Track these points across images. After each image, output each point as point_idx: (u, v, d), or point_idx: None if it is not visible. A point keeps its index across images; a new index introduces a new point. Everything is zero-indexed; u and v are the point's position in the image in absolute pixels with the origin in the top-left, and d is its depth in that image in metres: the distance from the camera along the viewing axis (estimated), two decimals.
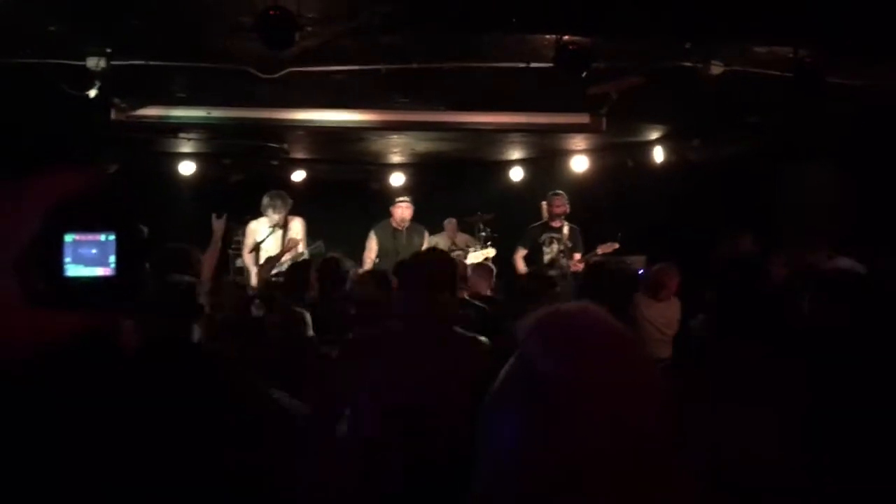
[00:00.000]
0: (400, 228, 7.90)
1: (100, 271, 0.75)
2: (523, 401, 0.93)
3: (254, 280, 7.10)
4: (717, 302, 2.78)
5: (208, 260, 4.95)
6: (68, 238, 0.74)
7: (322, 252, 7.45)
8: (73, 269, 0.74)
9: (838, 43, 5.11)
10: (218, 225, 5.70)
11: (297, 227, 7.39)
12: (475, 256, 7.80)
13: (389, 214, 8.00)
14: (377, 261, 7.65)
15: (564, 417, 0.90)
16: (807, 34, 5.05)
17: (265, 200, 7.29)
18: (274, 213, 7.19)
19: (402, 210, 7.85)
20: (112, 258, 0.76)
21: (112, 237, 0.76)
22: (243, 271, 7.48)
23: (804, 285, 2.86)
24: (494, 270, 6.49)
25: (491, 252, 7.87)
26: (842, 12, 4.57)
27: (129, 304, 0.78)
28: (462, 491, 0.97)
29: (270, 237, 7.17)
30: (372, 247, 7.87)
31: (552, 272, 7.53)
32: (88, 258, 0.75)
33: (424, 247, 8.02)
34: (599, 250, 7.55)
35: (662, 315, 5.22)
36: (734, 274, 2.95)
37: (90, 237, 0.75)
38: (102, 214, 0.77)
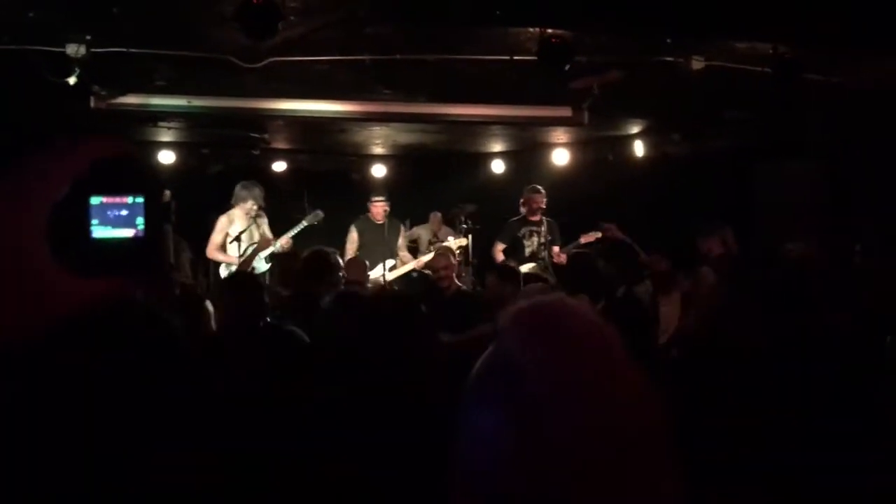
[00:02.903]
0: (378, 222, 8.01)
1: (128, 232, 0.77)
2: (500, 393, 0.94)
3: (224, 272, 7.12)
4: None
5: None
6: (95, 201, 0.76)
7: (321, 220, 7.54)
8: (99, 231, 0.76)
9: (818, 39, 5.18)
10: None
11: (264, 219, 7.40)
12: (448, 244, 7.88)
13: (368, 209, 8.11)
14: (357, 254, 7.71)
15: (540, 412, 0.90)
16: (786, 30, 5.11)
17: (242, 191, 7.27)
18: (254, 202, 7.19)
19: (378, 209, 8.00)
20: (140, 219, 0.78)
21: (140, 199, 0.78)
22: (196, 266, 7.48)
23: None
24: (454, 256, 6.60)
25: (463, 241, 7.93)
26: (821, 9, 4.63)
27: (156, 263, 0.80)
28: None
29: (248, 230, 7.16)
30: (353, 239, 7.97)
31: (533, 265, 7.61)
32: (117, 220, 0.76)
33: (402, 240, 8.08)
34: (582, 240, 7.61)
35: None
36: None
37: (118, 199, 0.77)
38: (130, 178, 0.79)
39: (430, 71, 5.89)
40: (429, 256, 7.43)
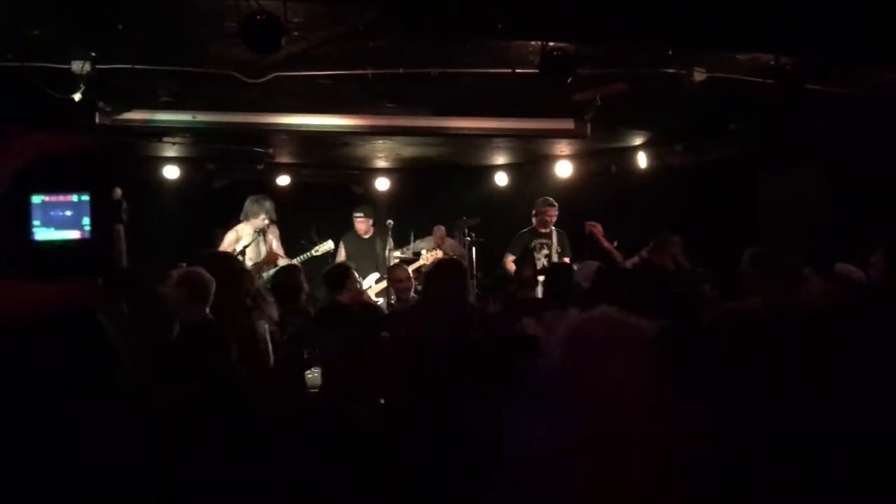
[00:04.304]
0: (364, 237, 8.26)
1: (73, 234, 0.69)
2: (547, 401, 0.96)
3: None
4: None
5: None
6: (36, 199, 0.68)
7: (331, 250, 7.80)
8: (42, 233, 0.68)
9: (820, 50, 5.19)
10: None
11: (276, 232, 7.43)
12: (424, 259, 8.06)
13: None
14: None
15: (589, 422, 0.92)
16: (788, 41, 5.12)
17: (253, 206, 7.30)
18: (265, 217, 7.23)
19: (358, 224, 8.28)
20: (86, 220, 0.70)
21: (87, 197, 0.70)
22: None
23: None
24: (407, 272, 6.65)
25: (439, 253, 8.05)
26: (822, 20, 4.64)
27: (105, 269, 0.70)
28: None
29: (252, 244, 7.18)
30: (341, 254, 8.20)
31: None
32: (61, 220, 0.68)
33: (388, 253, 8.15)
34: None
35: None
36: None
37: (62, 198, 0.69)
38: (74, 173, 0.70)
39: (432, 84, 5.91)
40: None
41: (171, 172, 8.99)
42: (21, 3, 4.62)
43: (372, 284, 7.87)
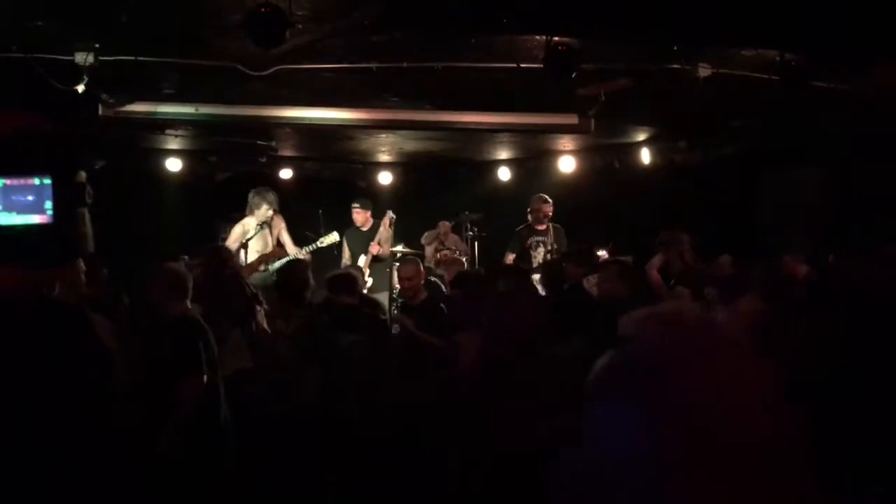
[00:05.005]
0: (363, 229, 8.25)
1: (35, 218, 0.67)
2: (639, 392, 0.95)
3: None
4: None
5: None
6: None
7: (336, 241, 7.83)
8: (3, 217, 0.66)
9: (824, 47, 5.17)
10: None
11: (282, 223, 7.46)
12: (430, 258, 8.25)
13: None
14: (349, 263, 8.02)
15: (683, 410, 0.92)
16: (793, 38, 5.10)
17: (255, 198, 7.32)
18: (268, 208, 7.26)
19: (355, 215, 8.28)
20: (49, 204, 0.67)
21: (48, 181, 0.68)
22: None
23: None
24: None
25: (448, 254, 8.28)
26: (827, 17, 4.62)
27: (68, 255, 0.67)
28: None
29: (256, 235, 7.19)
30: (345, 248, 8.30)
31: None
32: (22, 204, 0.66)
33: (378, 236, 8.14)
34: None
35: None
36: None
37: (23, 181, 0.67)
38: (36, 156, 0.68)
39: (436, 78, 5.89)
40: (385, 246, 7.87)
41: (174, 165, 9.00)
42: None
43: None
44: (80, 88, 5.45)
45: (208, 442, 3.91)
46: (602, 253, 7.53)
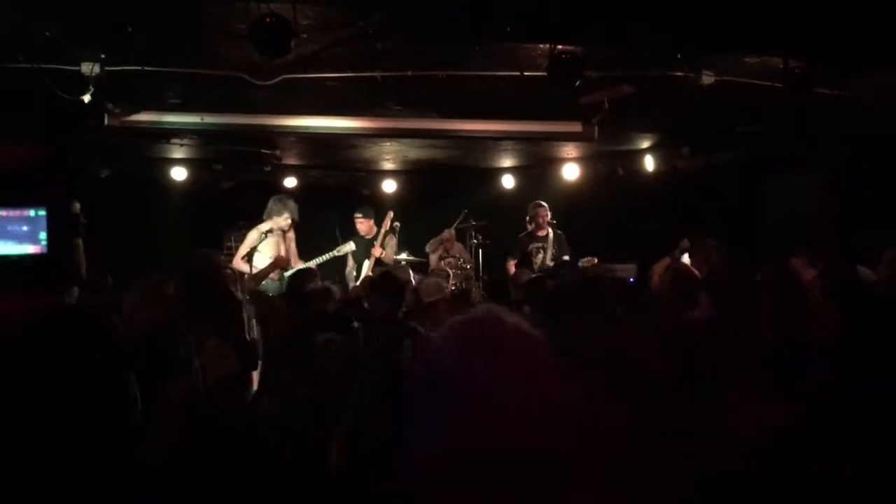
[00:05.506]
0: (367, 237, 8.26)
1: (30, 249, 0.69)
2: (433, 400, 0.98)
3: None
4: None
5: None
6: None
7: (352, 251, 7.96)
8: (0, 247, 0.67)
9: (828, 54, 5.18)
10: None
11: (292, 235, 7.47)
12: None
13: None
14: (353, 272, 8.13)
15: (470, 418, 0.94)
16: (797, 44, 5.11)
17: (277, 204, 7.34)
18: (287, 217, 7.29)
19: (358, 225, 8.29)
20: (43, 235, 0.69)
21: (42, 213, 0.69)
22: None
23: None
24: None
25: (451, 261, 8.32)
26: (832, 24, 4.63)
27: (61, 284, 0.69)
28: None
29: (265, 243, 7.20)
30: (349, 259, 8.32)
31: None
32: (17, 235, 0.68)
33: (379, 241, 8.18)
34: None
35: None
36: None
37: (18, 213, 0.68)
38: (31, 189, 0.70)
39: (440, 87, 5.92)
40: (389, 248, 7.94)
41: (179, 174, 9.03)
42: (32, 4, 4.65)
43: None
44: (87, 98, 5.49)
45: (195, 447, 3.89)
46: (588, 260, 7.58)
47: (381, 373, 3.93)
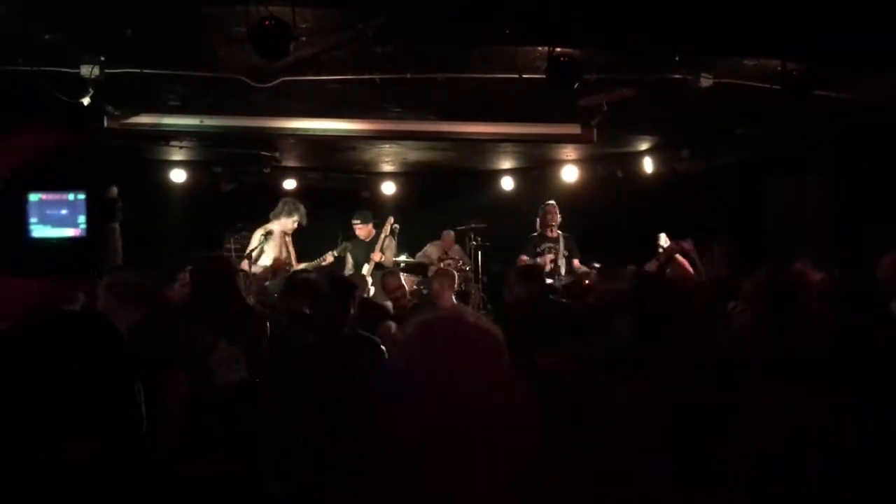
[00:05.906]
0: (367, 241, 8.32)
1: (69, 232, 0.69)
2: (386, 400, 1.03)
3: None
4: None
5: None
6: (34, 197, 0.69)
7: (351, 251, 8.06)
8: (39, 230, 0.69)
9: (827, 56, 5.18)
10: None
11: (290, 239, 7.49)
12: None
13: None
14: (352, 272, 8.12)
15: (417, 415, 0.99)
16: (795, 47, 5.12)
17: (287, 206, 7.36)
18: (296, 221, 7.31)
19: (357, 231, 8.33)
20: (82, 218, 0.70)
21: (82, 196, 0.70)
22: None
23: None
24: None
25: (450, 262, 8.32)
26: (830, 26, 4.64)
27: (99, 266, 0.72)
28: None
29: (268, 245, 7.21)
30: (348, 261, 8.38)
31: (551, 281, 7.67)
32: (56, 218, 0.69)
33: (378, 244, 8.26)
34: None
35: None
36: None
37: (58, 196, 0.69)
38: (71, 173, 0.71)
39: (439, 89, 5.93)
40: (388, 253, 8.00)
41: (179, 176, 9.04)
42: (31, 7, 4.65)
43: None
44: (86, 101, 5.49)
45: (198, 445, 3.88)
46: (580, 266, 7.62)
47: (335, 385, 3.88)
